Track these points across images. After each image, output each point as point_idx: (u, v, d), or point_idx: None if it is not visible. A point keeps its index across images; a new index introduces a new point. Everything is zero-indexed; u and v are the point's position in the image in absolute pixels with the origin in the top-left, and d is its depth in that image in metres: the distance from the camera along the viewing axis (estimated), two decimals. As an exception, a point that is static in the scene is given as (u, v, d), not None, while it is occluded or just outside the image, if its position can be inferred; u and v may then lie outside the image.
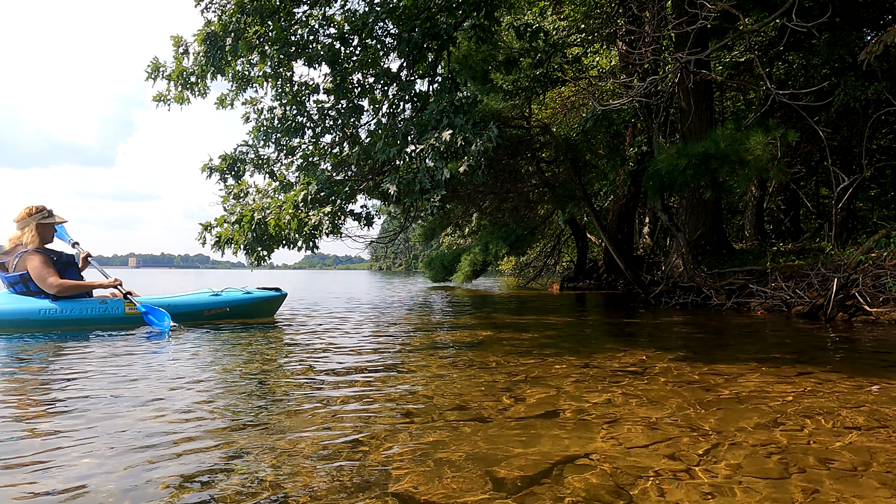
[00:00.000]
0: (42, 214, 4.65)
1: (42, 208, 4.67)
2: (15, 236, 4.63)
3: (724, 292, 6.93)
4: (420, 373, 2.85)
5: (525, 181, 11.33)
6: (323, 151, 7.08)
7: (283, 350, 3.59)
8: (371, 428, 1.87)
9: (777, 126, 5.45)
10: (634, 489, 1.38)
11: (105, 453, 1.62)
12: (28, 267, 4.47)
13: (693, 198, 8.16)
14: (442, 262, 15.12)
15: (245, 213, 5.90)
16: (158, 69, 6.56)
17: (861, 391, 2.38)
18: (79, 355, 3.27)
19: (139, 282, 20.15)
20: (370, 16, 5.98)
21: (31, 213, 4.62)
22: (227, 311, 5.22)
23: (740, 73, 10.60)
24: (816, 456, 1.61)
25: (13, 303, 4.42)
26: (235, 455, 1.61)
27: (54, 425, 1.89)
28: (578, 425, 1.91)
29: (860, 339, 4.04)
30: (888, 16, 8.15)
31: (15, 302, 4.43)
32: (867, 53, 4.97)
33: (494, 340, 4.07)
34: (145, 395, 2.33)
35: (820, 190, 13.67)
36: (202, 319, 5.06)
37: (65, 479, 1.44)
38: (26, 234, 4.58)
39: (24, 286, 4.52)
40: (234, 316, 5.28)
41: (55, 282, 4.47)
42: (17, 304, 4.41)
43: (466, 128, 5.09)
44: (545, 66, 9.43)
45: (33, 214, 4.62)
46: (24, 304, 4.42)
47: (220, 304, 5.18)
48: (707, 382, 2.57)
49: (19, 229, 4.62)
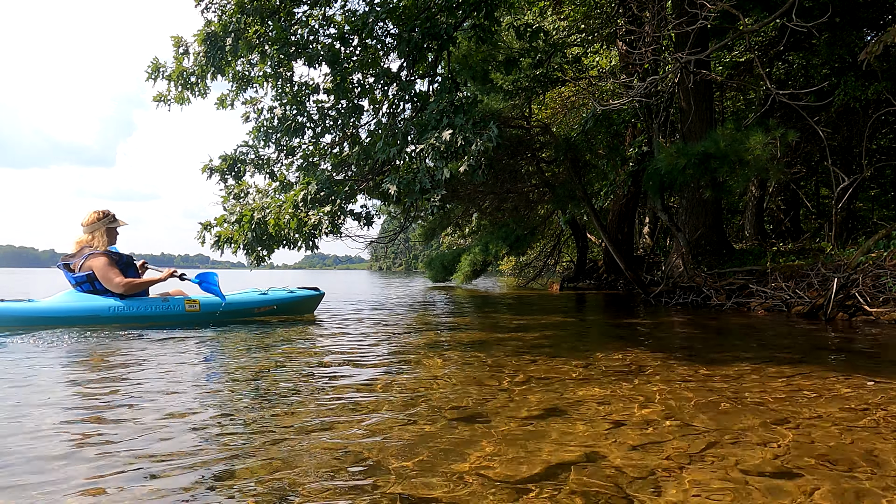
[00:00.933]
0: (109, 218, 4.97)
1: (108, 212, 4.99)
2: (83, 239, 4.91)
3: (724, 292, 6.93)
4: (420, 373, 2.85)
5: (525, 181, 11.33)
6: (323, 151, 7.08)
7: (284, 350, 3.58)
8: (371, 428, 1.87)
9: (777, 126, 5.45)
10: (634, 489, 1.38)
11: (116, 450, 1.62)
12: (94, 267, 4.73)
13: (693, 198, 8.16)
14: (442, 262, 15.12)
15: (245, 213, 5.90)
16: (158, 69, 6.56)
17: (861, 391, 2.38)
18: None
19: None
20: (370, 16, 5.98)
21: (100, 218, 4.93)
22: (275, 309, 5.64)
23: (740, 73, 10.59)
24: (816, 456, 1.61)
25: (83, 301, 4.71)
26: (235, 455, 1.61)
27: (67, 424, 1.89)
28: (578, 425, 1.91)
29: (860, 339, 4.04)
30: (888, 16, 8.14)
31: (85, 300, 4.71)
32: (867, 53, 4.97)
33: (494, 340, 4.07)
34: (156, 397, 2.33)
35: (820, 190, 13.67)
36: (253, 316, 5.46)
37: (76, 474, 1.44)
38: (96, 238, 4.89)
39: (90, 285, 4.78)
40: (280, 313, 5.68)
41: (121, 281, 4.75)
42: (87, 303, 4.69)
43: (466, 128, 5.09)
44: (545, 66, 9.43)
45: (102, 219, 4.93)
46: (94, 302, 4.71)
47: (269, 302, 5.59)
48: (707, 382, 2.57)
49: (87, 233, 4.91)
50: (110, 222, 4.97)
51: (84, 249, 4.86)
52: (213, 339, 4.08)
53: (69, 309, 4.63)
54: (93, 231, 4.91)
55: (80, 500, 1.32)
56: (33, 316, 4.59)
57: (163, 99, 6.70)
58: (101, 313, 4.67)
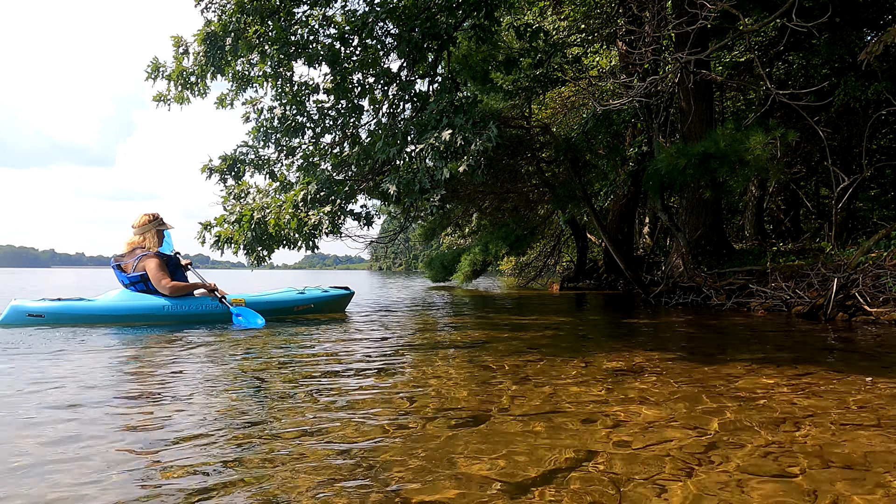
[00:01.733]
0: (158, 221, 5.20)
1: (157, 215, 5.21)
2: (134, 240, 5.14)
3: (724, 292, 6.92)
4: (420, 373, 2.85)
5: (525, 181, 11.33)
6: (323, 151, 7.08)
7: (284, 350, 3.58)
8: (371, 428, 1.87)
9: (777, 126, 5.45)
10: (635, 489, 1.38)
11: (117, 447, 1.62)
12: (147, 268, 4.98)
13: (693, 198, 8.16)
14: (442, 262, 15.10)
15: (245, 213, 5.90)
16: (158, 69, 6.56)
17: (861, 391, 2.38)
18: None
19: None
20: (370, 16, 5.98)
21: (151, 220, 5.16)
22: (312, 307, 5.89)
23: (740, 73, 10.59)
24: (816, 456, 1.61)
25: (139, 300, 4.97)
26: (235, 454, 1.61)
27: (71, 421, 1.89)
28: (579, 425, 1.90)
29: (860, 339, 4.04)
30: (888, 16, 8.14)
31: (141, 299, 4.98)
32: (867, 53, 4.97)
33: (494, 340, 4.07)
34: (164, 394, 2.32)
35: (820, 190, 13.66)
36: (292, 314, 5.72)
37: (80, 474, 1.44)
38: (147, 239, 5.13)
39: (143, 285, 5.04)
40: (316, 311, 5.94)
41: (168, 283, 4.97)
42: (144, 301, 4.96)
43: (466, 128, 5.09)
44: (545, 66, 9.43)
45: (152, 221, 5.16)
46: (150, 301, 4.97)
47: (306, 300, 5.83)
48: (707, 382, 2.57)
49: (138, 234, 5.14)
50: (159, 225, 5.20)
51: (136, 251, 5.07)
52: (232, 340, 4.08)
53: (127, 307, 4.90)
54: (144, 233, 5.13)
55: (79, 499, 1.32)
56: (95, 314, 4.85)
57: (163, 98, 6.71)
58: (156, 312, 4.93)
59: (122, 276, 5.06)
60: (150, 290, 5.02)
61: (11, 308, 4.74)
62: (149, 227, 5.14)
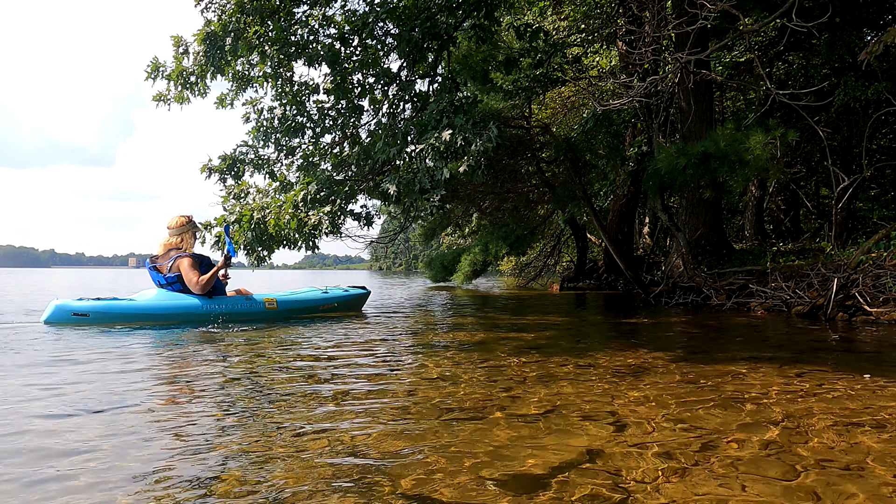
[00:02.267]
0: (193, 223, 5.35)
1: (191, 218, 5.36)
2: (170, 241, 5.22)
3: (724, 292, 6.92)
4: (420, 372, 2.85)
5: (525, 181, 11.32)
6: (323, 151, 7.08)
7: (284, 349, 3.58)
8: (370, 428, 1.87)
9: (777, 126, 5.45)
10: (635, 488, 1.38)
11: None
12: (181, 268, 5.10)
13: (693, 198, 8.16)
14: (442, 262, 15.10)
15: (245, 213, 5.90)
16: (158, 69, 6.55)
17: (861, 391, 2.38)
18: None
19: (140, 282, 20.17)
20: (370, 16, 5.98)
21: (188, 222, 5.30)
22: (336, 306, 6.16)
23: (740, 73, 10.59)
24: (816, 456, 1.61)
25: (177, 300, 5.11)
26: (234, 454, 1.61)
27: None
28: (579, 425, 1.90)
29: (860, 339, 4.04)
30: (888, 16, 8.14)
31: (179, 299, 5.12)
32: (867, 53, 4.97)
33: (494, 340, 4.07)
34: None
35: (820, 190, 13.67)
36: (317, 312, 5.99)
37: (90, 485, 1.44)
38: (185, 240, 5.25)
39: (180, 285, 5.15)
40: (339, 309, 6.22)
41: (195, 280, 5.07)
42: (181, 301, 5.10)
43: (466, 128, 5.09)
44: (545, 66, 9.42)
45: (189, 222, 5.30)
46: (187, 300, 5.10)
47: (331, 299, 6.12)
48: (707, 382, 2.57)
49: (175, 235, 5.23)
50: (194, 227, 5.34)
51: (171, 252, 5.18)
52: (246, 337, 4.08)
53: (166, 307, 5.06)
54: (181, 234, 5.25)
55: (78, 499, 1.32)
56: (136, 313, 5.01)
57: (162, 98, 6.70)
58: (195, 310, 5.09)
59: (159, 277, 5.19)
60: (185, 290, 5.14)
61: (56, 307, 4.88)
62: (186, 227, 5.26)
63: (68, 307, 4.88)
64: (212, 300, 5.16)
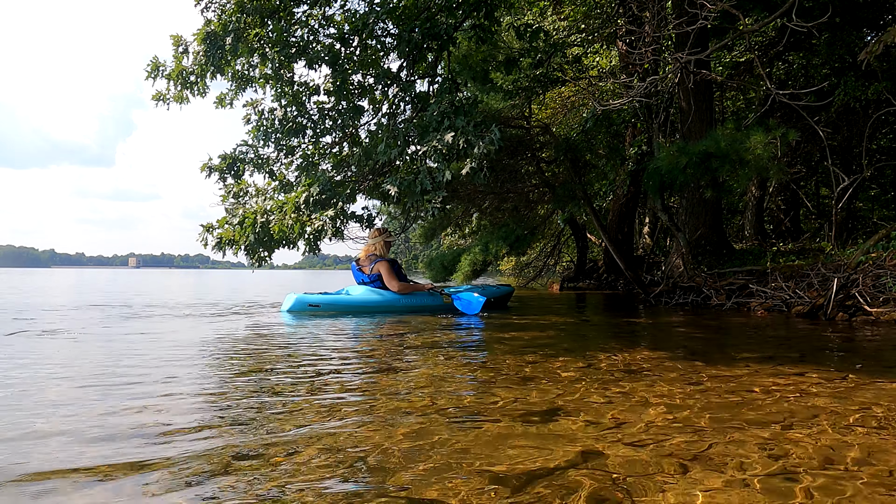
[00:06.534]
0: (387, 234, 6.64)
1: (386, 229, 6.66)
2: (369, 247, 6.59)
3: (724, 292, 6.92)
4: (420, 372, 2.85)
5: (525, 181, 11.32)
6: (323, 151, 7.08)
7: (285, 349, 3.59)
8: (370, 428, 1.87)
9: (777, 126, 5.45)
10: (635, 489, 1.38)
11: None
12: (381, 270, 6.41)
13: (693, 198, 8.16)
14: (442, 262, 15.07)
15: (247, 216, 5.91)
16: (158, 68, 6.55)
17: (861, 391, 2.38)
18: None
19: (141, 282, 20.20)
20: (370, 16, 5.98)
21: (382, 233, 6.60)
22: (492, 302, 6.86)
23: (740, 73, 10.59)
24: (817, 456, 1.61)
25: (382, 295, 6.37)
26: (233, 453, 1.61)
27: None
28: (579, 425, 1.90)
29: (860, 339, 4.04)
30: (888, 16, 8.14)
31: (383, 294, 6.38)
32: (867, 53, 4.97)
33: (494, 340, 4.07)
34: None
35: (820, 190, 13.67)
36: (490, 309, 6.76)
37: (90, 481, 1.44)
38: (378, 247, 6.57)
39: (380, 283, 6.46)
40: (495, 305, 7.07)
41: (397, 284, 6.40)
42: (386, 297, 6.36)
43: (468, 130, 5.09)
44: (545, 66, 9.43)
45: (382, 234, 6.60)
46: (389, 296, 6.38)
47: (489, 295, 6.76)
48: (707, 382, 2.57)
49: (372, 243, 6.58)
50: (388, 237, 6.63)
51: (371, 256, 6.51)
52: (201, 336, 4.08)
53: (375, 301, 6.32)
54: (376, 242, 6.57)
55: (78, 497, 1.32)
56: (353, 305, 6.26)
57: (162, 98, 6.70)
58: (395, 303, 6.32)
59: (362, 276, 6.53)
60: (384, 287, 6.40)
61: (297, 299, 6.16)
62: (379, 238, 6.57)
63: (306, 299, 6.18)
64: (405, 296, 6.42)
